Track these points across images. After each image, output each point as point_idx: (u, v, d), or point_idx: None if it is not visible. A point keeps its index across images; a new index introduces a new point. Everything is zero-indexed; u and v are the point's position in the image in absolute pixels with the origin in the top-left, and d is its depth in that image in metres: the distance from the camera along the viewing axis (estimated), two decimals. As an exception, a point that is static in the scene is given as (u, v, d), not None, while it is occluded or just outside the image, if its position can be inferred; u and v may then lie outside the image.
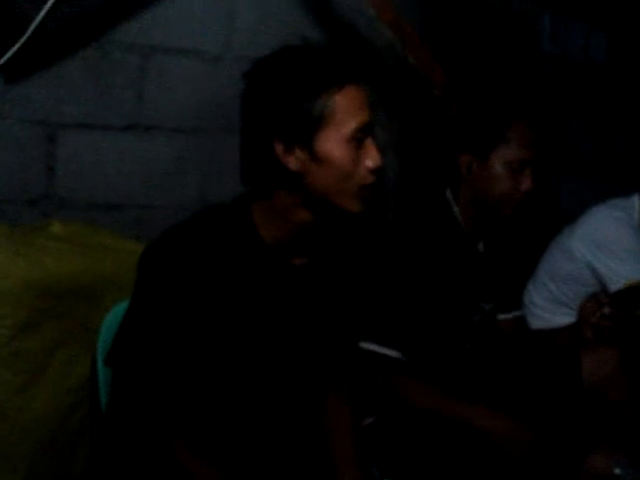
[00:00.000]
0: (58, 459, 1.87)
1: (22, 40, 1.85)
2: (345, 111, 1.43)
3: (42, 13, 1.83)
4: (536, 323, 2.50)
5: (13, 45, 1.89)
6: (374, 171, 1.47)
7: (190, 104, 2.44)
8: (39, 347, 1.80)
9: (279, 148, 1.44)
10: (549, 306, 2.52)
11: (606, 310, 2.16)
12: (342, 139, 1.43)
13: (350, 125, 1.43)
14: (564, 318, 2.50)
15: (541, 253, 2.61)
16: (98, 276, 1.89)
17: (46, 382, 1.83)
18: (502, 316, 2.24)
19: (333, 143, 1.43)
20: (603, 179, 3.76)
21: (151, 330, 1.46)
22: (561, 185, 3.69)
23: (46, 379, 1.83)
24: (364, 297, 1.78)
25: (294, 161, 1.44)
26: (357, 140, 1.45)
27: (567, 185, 3.72)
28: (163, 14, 2.36)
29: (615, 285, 2.36)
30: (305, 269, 1.60)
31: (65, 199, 2.25)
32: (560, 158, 3.58)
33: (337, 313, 1.70)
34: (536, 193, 2.06)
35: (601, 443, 1.91)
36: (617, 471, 1.84)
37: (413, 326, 1.95)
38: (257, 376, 1.56)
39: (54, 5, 1.87)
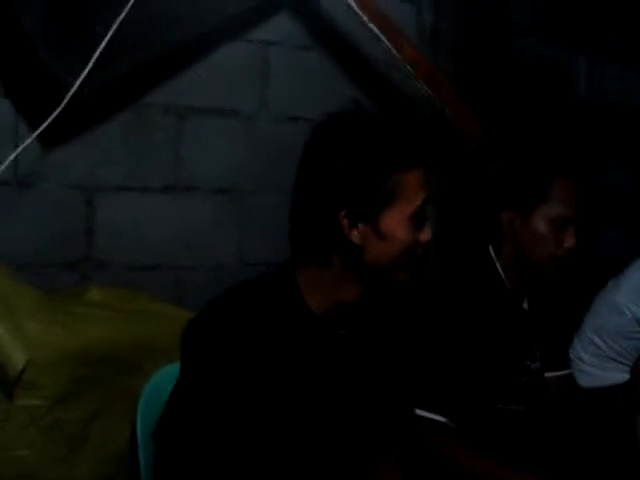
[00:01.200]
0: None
1: (59, 109, 1.86)
2: (412, 191, 1.45)
3: (78, 81, 1.85)
4: (585, 380, 2.43)
5: (51, 112, 1.90)
6: (426, 244, 1.48)
7: (227, 164, 2.45)
8: (79, 416, 1.79)
9: (344, 221, 1.43)
10: (597, 361, 2.45)
11: None
12: (407, 218, 1.45)
13: (415, 204, 1.45)
14: (614, 374, 2.42)
15: (586, 306, 2.55)
16: (137, 342, 1.87)
17: (87, 452, 1.81)
18: (549, 375, 2.17)
19: (398, 221, 1.44)
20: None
21: (199, 408, 1.41)
22: (604, 232, 3.63)
23: (86, 449, 1.81)
24: (410, 363, 1.74)
25: (357, 235, 1.44)
26: (419, 217, 1.46)
27: (612, 233, 3.66)
28: (197, 74, 2.38)
29: None
30: (351, 338, 1.56)
31: (104, 261, 2.25)
32: (602, 205, 3.53)
33: (385, 382, 1.65)
34: (580, 247, 2.01)
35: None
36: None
37: (459, 389, 1.90)
38: (308, 450, 1.52)
39: (88, 72, 1.88)
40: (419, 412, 1.86)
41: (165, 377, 1.81)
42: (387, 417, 1.67)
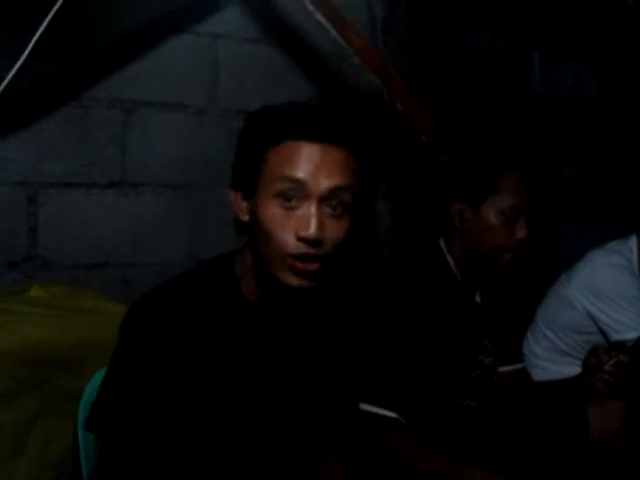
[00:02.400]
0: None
1: (-7, 100, 1.80)
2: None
3: (14, 69, 1.78)
4: (538, 374, 2.42)
5: (-13, 104, 1.84)
6: (303, 239, 1.34)
7: (175, 159, 2.40)
8: (17, 418, 1.72)
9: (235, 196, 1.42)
10: (550, 356, 2.45)
11: (622, 358, 2.07)
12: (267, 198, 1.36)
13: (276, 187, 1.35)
14: (567, 368, 2.42)
15: (539, 300, 2.54)
16: (79, 341, 1.81)
17: (26, 455, 1.74)
18: (503, 369, 2.15)
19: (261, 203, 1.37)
20: (602, 221, 3.70)
21: (132, 394, 1.37)
22: (559, 229, 3.64)
23: (26, 452, 1.74)
24: (358, 357, 1.70)
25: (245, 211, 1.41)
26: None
27: (565, 228, 3.66)
28: (145, 67, 2.33)
29: (616, 333, 2.30)
30: (292, 330, 1.52)
31: (48, 260, 2.19)
32: (557, 201, 3.53)
33: (329, 375, 1.61)
34: (533, 239, 1.99)
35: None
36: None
37: (410, 384, 1.87)
38: (245, 441, 1.48)
39: (28, 63, 1.82)
40: (369, 408, 1.82)
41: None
42: (327, 411, 1.63)
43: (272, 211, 1.33)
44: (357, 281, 1.64)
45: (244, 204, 1.40)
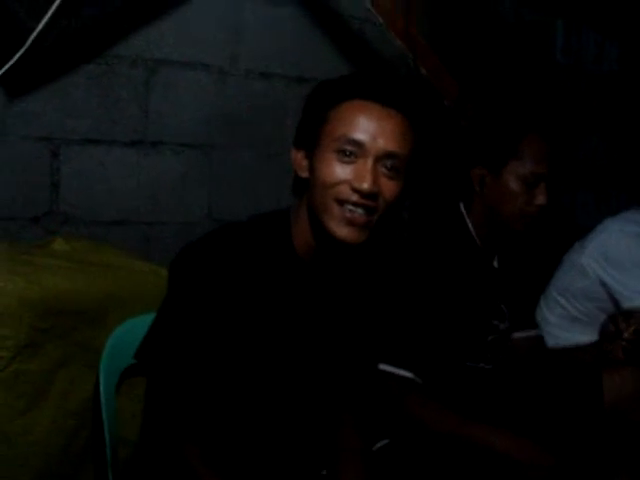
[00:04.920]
0: (60, 483, 1.81)
1: (21, 51, 1.81)
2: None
3: (41, 25, 1.79)
4: (549, 341, 2.44)
5: (13, 57, 1.85)
6: (357, 191, 1.43)
7: (197, 118, 2.41)
8: (40, 368, 1.75)
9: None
10: (561, 323, 2.46)
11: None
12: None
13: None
14: (577, 335, 2.44)
15: (556, 268, 2.55)
16: (100, 295, 1.83)
17: (48, 404, 1.77)
18: (517, 335, 2.17)
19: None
20: (619, 192, 3.69)
21: (182, 330, 1.46)
22: (576, 199, 3.63)
23: (48, 401, 1.77)
24: (379, 316, 1.73)
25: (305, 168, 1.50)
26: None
27: (582, 199, 3.66)
28: (169, 27, 2.33)
29: (628, 301, 2.31)
30: (331, 286, 1.59)
31: (69, 215, 2.21)
32: (575, 172, 3.52)
33: (357, 330, 1.67)
34: (551, 208, 2.00)
35: (623, 466, 1.85)
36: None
37: (427, 346, 1.89)
38: (275, 384, 1.55)
39: (54, 18, 1.82)
40: (386, 367, 1.85)
41: (129, 330, 1.80)
42: (353, 364, 1.69)
43: (330, 165, 1.43)
44: (382, 244, 1.67)
45: (305, 162, 1.49)
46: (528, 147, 1.95)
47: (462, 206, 2.05)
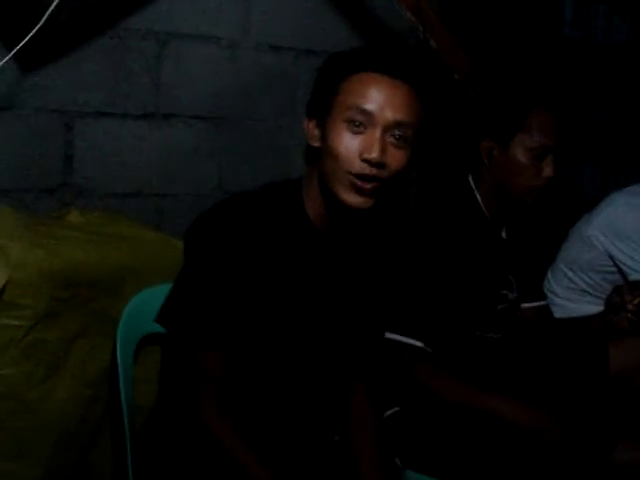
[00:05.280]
0: (78, 451, 1.85)
1: (37, 26, 1.82)
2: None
3: (56, 1, 1.80)
4: (558, 312, 2.46)
5: (27, 33, 1.86)
6: (366, 160, 1.48)
7: (208, 91, 2.42)
8: (59, 337, 1.78)
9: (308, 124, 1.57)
10: (569, 294, 2.48)
11: None
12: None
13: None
14: (584, 306, 2.46)
15: (564, 239, 2.57)
16: (116, 265, 1.86)
17: (66, 373, 1.81)
18: (526, 305, 2.20)
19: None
20: (626, 166, 3.70)
21: (203, 292, 1.51)
22: (583, 172, 3.64)
23: (66, 370, 1.80)
24: (390, 285, 1.76)
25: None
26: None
27: (589, 172, 3.67)
28: (180, 0, 2.33)
29: (635, 273, 2.33)
30: (344, 252, 1.63)
31: (83, 187, 2.23)
32: (583, 145, 3.53)
33: (368, 297, 1.71)
34: (559, 180, 2.02)
35: (629, 434, 1.88)
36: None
37: (436, 315, 1.92)
38: (289, 348, 1.59)
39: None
40: (396, 337, 1.88)
41: (145, 300, 1.83)
42: (362, 334, 1.72)
43: (341, 134, 1.48)
44: (392, 214, 1.71)
45: (316, 131, 1.54)
46: (536, 119, 1.97)
47: (471, 178, 2.08)
